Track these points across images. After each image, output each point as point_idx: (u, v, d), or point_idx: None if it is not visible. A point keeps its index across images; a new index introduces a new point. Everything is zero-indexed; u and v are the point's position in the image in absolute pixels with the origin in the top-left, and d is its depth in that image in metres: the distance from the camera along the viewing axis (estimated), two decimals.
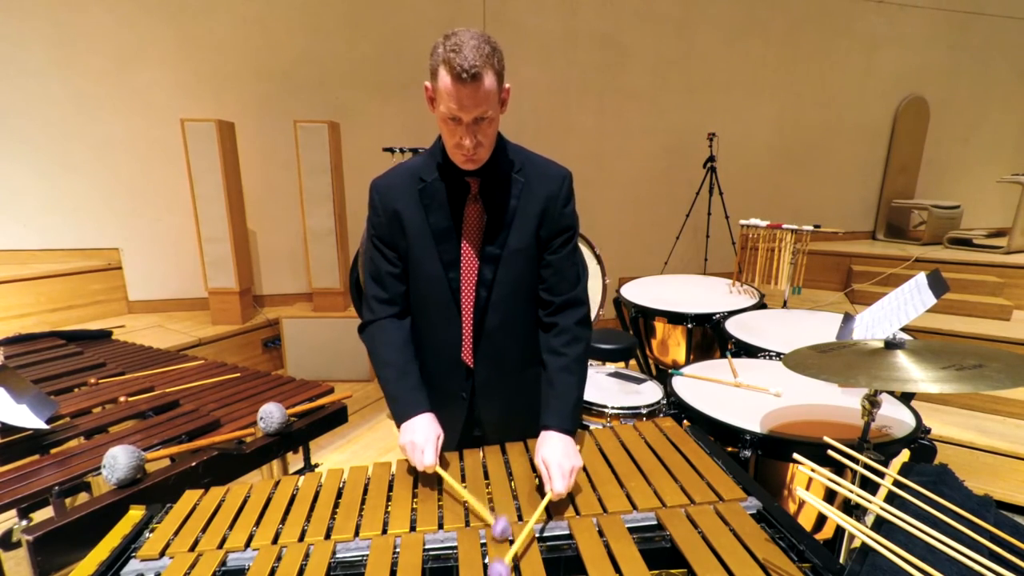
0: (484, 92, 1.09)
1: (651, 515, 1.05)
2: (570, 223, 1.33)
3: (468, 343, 1.34)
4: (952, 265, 4.06)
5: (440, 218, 1.26)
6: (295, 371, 3.88)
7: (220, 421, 1.68)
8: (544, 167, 1.31)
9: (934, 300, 1.66)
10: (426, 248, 1.28)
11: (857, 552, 0.83)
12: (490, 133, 1.17)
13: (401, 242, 1.30)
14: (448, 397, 1.38)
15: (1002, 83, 5.52)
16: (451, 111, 1.10)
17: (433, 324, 1.35)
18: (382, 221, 1.30)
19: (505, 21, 4.26)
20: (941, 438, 2.73)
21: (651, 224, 4.89)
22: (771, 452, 1.53)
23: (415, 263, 1.30)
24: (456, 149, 1.17)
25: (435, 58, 1.10)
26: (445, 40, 1.09)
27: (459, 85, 1.07)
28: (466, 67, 1.05)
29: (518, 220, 1.27)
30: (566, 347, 1.30)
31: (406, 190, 1.28)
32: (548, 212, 1.28)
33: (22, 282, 3.56)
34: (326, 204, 3.83)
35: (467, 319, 1.32)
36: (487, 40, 1.09)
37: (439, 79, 1.09)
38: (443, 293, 1.30)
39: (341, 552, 1.00)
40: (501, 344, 1.35)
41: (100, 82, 3.75)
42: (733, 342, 2.32)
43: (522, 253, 1.29)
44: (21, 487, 1.30)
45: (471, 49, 1.06)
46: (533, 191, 1.27)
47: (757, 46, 4.81)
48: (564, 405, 1.25)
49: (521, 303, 1.34)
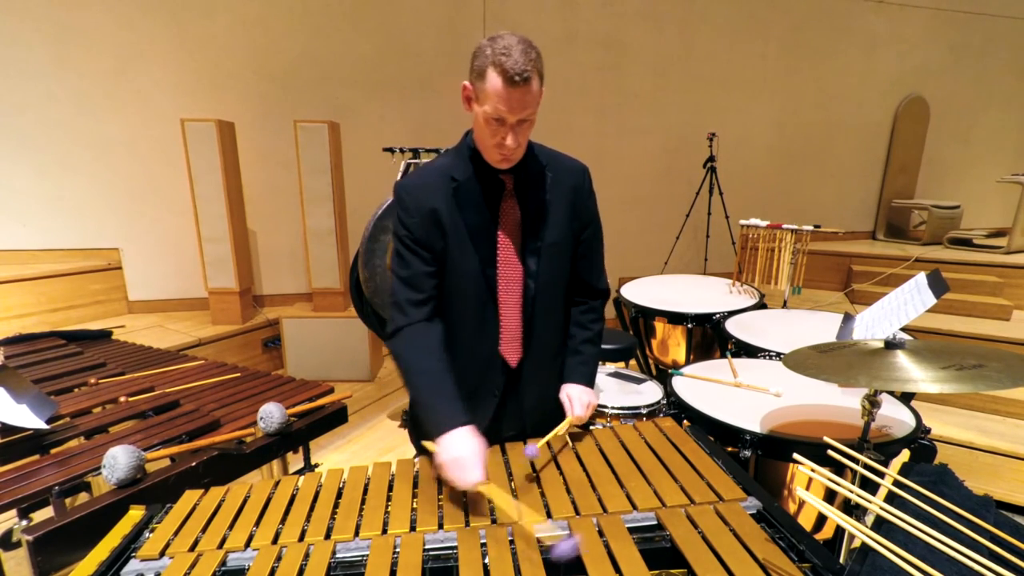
0: (531, 95, 1.14)
1: (651, 515, 1.05)
2: (595, 214, 1.43)
3: (513, 337, 1.36)
4: (952, 265, 4.06)
5: (476, 216, 1.28)
6: (295, 371, 3.88)
7: (220, 421, 1.68)
8: (565, 162, 1.38)
9: (934, 300, 1.66)
10: (463, 246, 1.28)
11: (857, 552, 0.82)
12: (528, 134, 1.23)
13: (438, 242, 1.28)
14: (478, 396, 1.38)
15: (1002, 83, 5.52)
16: (498, 112, 1.14)
17: (468, 322, 1.34)
18: (416, 221, 1.27)
19: (505, 21, 4.26)
20: (941, 438, 2.73)
21: (651, 224, 4.89)
22: (771, 452, 1.53)
23: (452, 262, 1.30)
24: (496, 148, 1.20)
25: (482, 60, 1.13)
26: (492, 43, 1.12)
27: (510, 88, 1.10)
28: (518, 70, 1.09)
29: (552, 214, 1.32)
30: (592, 323, 1.48)
31: (439, 189, 1.27)
32: (576, 204, 1.36)
33: (22, 282, 3.56)
34: (326, 204, 3.83)
35: (513, 314, 1.35)
36: (532, 44, 1.14)
37: (487, 81, 1.12)
38: (481, 290, 1.31)
39: (341, 552, 1.00)
40: (542, 334, 1.39)
41: (100, 82, 3.75)
42: (733, 342, 2.32)
43: (558, 246, 1.34)
44: (21, 487, 1.30)
45: (520, 53, 1.10)
46: (561, 185, 1.34)
47: (757, 46, 4.81)
48: (589, 369, 1.44)
49: (559, 295, 1.41)
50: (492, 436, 1.39)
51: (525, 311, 1.34)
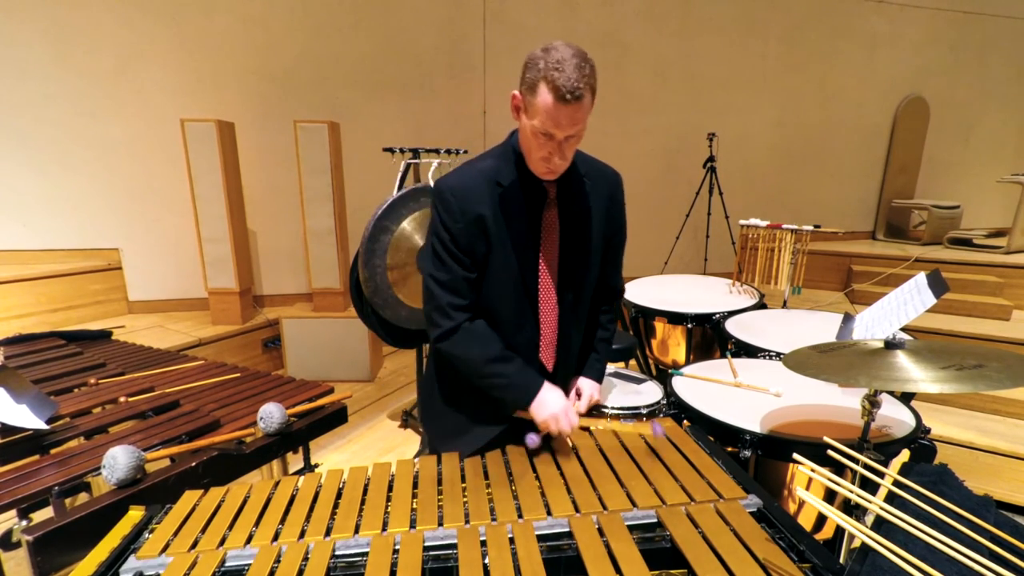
0: (583, 112, 1.11)
1: (651, 513, 1.05)
2: (624, 220, 1.46)
3: (550, 344, 1.38)
4: (952, 265, 4.06)
5: (520, 224, 1.27)
6: (295, 371, 3.88)
7: (220, 421, 1.68)
8: (600, 168, 1.39)
9: (934, 300, 1.66)
10: (506, 253, 1.27)
11: (857, 552, 0.82)
12: (575, 148, 1.21)
13: (481, 247, 1.27)
14: None
15: (1002, 83, 5.52)
16: (546, 128, 1.12)
17: (507, 328, 1.34)
18: (461, 228, 1.24)
19: (505, 21, 4.26)
20: (941, 438, 2.73)
21: (651, 224, 4.89)
22: (771, 452, 1.53)
23: (494, 268, 1.29)
24: (542, 162, 1.19)
25: (534, 72, 1.10)
26: (545, 54, 1.09)
27: (561, 105, 1.08)
28: (570, 87, 1.06)
29: (593, 223, 1.34)
30: (609, 323, 1.55)
31: (485, 194, 1.24)
32: (611, 211, 1.38)
33: (22, 282, 3.55)
34: (326, 204, 3.83)
35: (550, 321, 1.35)
36: (585, 58, 1.09)
37: (538, 95, 1.09)
38: (520, 297, 1.31)
39: (341, 551, 1.00)
40: (575, 340, 1.43)
41: (100, 82, 3.75)
42: (733, 342, 2.32)
43: (595, 255, 1.37)
44: (21, 487, 1.30)
45: (574, 69, 1.06)
46: (599, 193, 1.35)
47: (757, 46, 4.81)
48: (602, 365, 1.54)
49: (589, 301, 1.44)
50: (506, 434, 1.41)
51: (562, 319, 1.36)
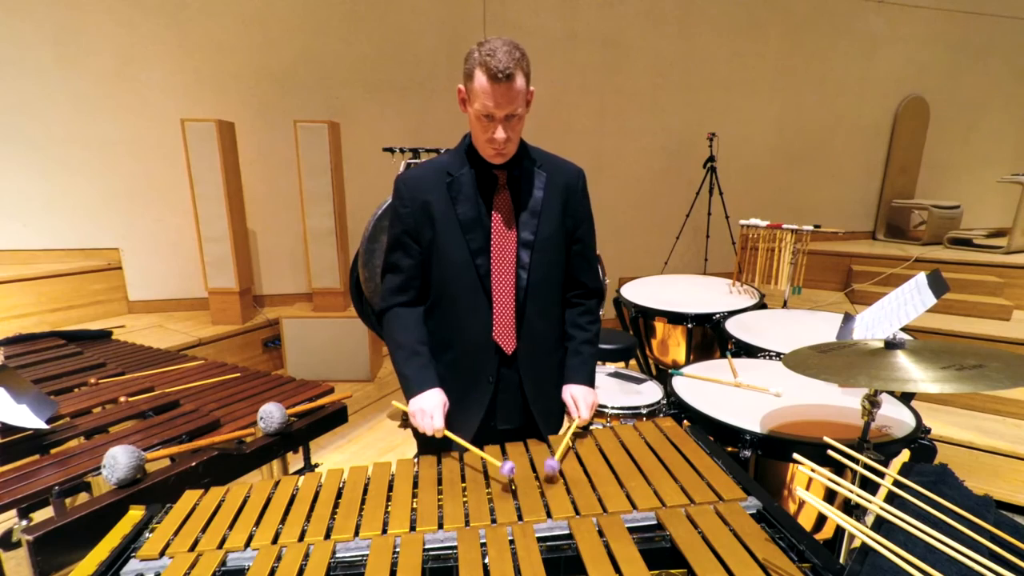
0: (515, 91, 1.22)
1: (651, 515, 1.05)
2: (588, 213, 1.49)
3: (507, 325, 1.40)
4: (952, 265, 4.06)
5: (468, 208, 1.35)
6: (295, 371, 3.88)
7: (220, 421, 1.68)
8: (560, 163, 1.45)
9: (934, 300, 1.66)
10: (453, 236, 1.36)
11: (857, 552, 0.82)
12: (518, 130, 1.30)
13: (427, 232, 1.37)
14: (474, 382, 1.43)
15: (1002, 83, 5.52)
16: (486, 108, 1.23)
17: (461, 310, 1.41)
18: (409, 211, 1.37)
19: (505, 21, 4.26)
20: (941, 438, 2.73)
21: (651, 224, 4.89)
22: (771, 452, 1.53)
23: (441, 252, 1.37)
24: (488, 144, 1.29)
25: (471, 63, 1.23)
26: (479, 47, 1.22)
27: (494, 84, 1.20)
28: (501, 68, 1.18)
29: (546, 209, 1.39)
30: (590, 324, 1.53)
31: (435, 183, 1.37)
32: (569, 202, 1.43)
33: (22, 282, 3.55)
34: (326, 204, 3.83)
35: (507, 303, 1.40)
36: (517, 46, 1.23)
37: (475, 80, 1.22)
38: (472, 278, 1.37)
39: (341, 552, 1.00)
40: (538, 327, 1.44)
41: (100, 82, 3.75)
42: (733, 342, 2.32)
43: (551, 240, 1.40)
44: (21, 487, 1.30)
45: (504, 53, 1.19)
46: (555, 183, 1.41)
47: (757, 46, 4.81)
48: (588, 369, 1.50)
49: (553, 288, 1.46)
50: (488, 425, 1.45)
51: (518, 299, 1.40)
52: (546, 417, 1.49)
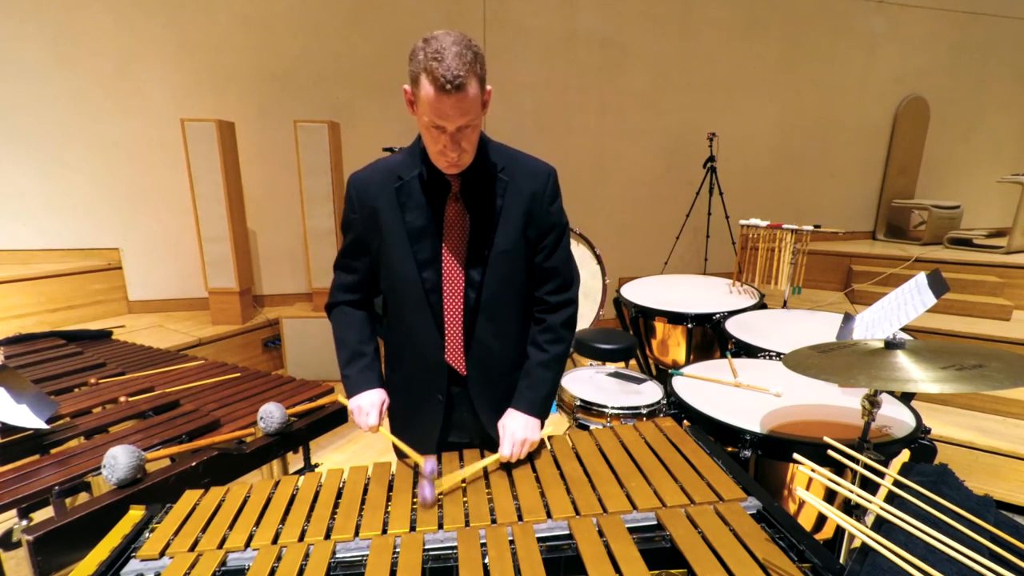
0: (468, 101, 1.05)
1: (651, 515, 1.05)
2: (557, 221, 1.31)
3: (457, 346, 1.31)
4: (952, 265, 4.06)
5: (416, 217, 1.22)
6: (295, 371, 3.88)
7: (220, 421, 1.68)
8: (528, 165, 1.28)
9: (934, 300, 1.66)
10: (399, 247, 1.24)
11: (857, 552, 0.83)
12: (473, 139, 1.15)
13: (374, 240, 1.27)
14: (424, 400, 1.37)
15: (1002, 83, 5.51)
16: (434, 120, 1.07)
17: (410, 325, 1.32)
18: (357, 217, 1.27)
19: (505, 21, 4.26)
20: (941, 438, 2.73)
21: (651, 224, 4.89)
22: (771, 452, 1.53)
23: (388, 263, 1.28)
24: (439, 156, 1.14)
25: (415, 64, 1.05)
26: (425, 45, 1.03)
27: (442, 96, 1.02)
28: (449, 78, 1.00)
29: (504, 220, 1.24)
30: (549, 345, 1.34)
31: (383, 187, 1.24)
32: (534, 211, 1.26)
33: (22, 282, 3.55)
34: (326, 204, 3.83)
35: (455, 322, 1.29)
36: (468, 45, 1.04)
37: (421, 87, 1.05)
38: (417, 294, 1.27)
39: (341, 552, 1.01)
40: (491, 347, 1.32)
41: (100, 82, 3.75)
42: (733, 342, 2.32)
43: (509, 254, 1.26)
44: (21, 487, 1.30)
45: (453, 57, 1.00)
46: (518, 189, 1.24)
47: (757, 46, 4.81)
48: (536, 395, 1.32)
49: (511, 305, 1.32)
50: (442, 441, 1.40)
51: (466, 320, 1.28)
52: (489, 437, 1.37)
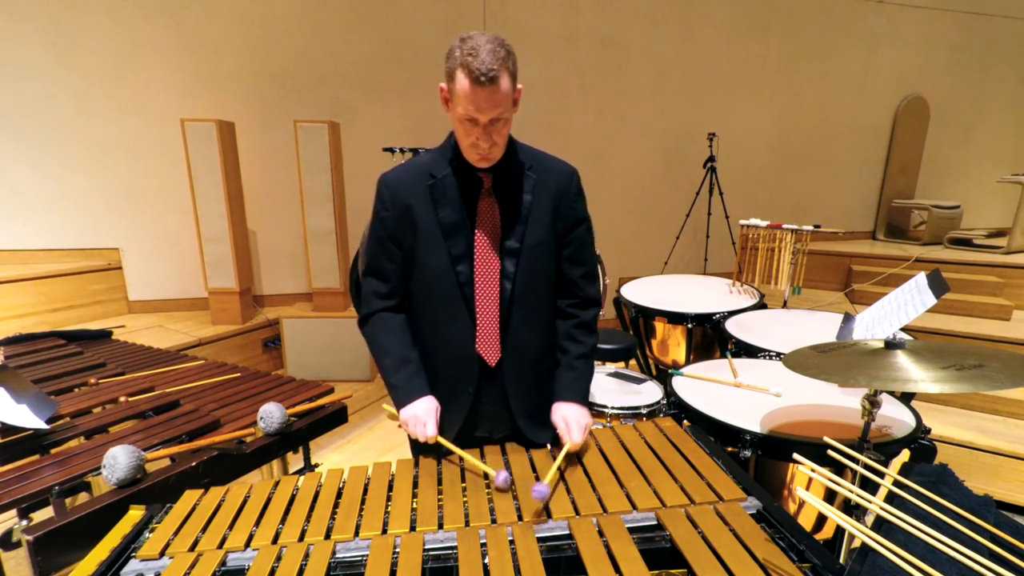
0: (501, 94, 1.13)
1: (651, 515, 1.05)
2: (584, 215, 1.39)
3: (488, 337, 1.34)
4: (952, 265, 4.06)
5: (450, 212, 1.28)
6: (295, 371, 3.88)
7: (220, 421, 1.68)
8: (553, 164, 1.36)
9: (934, 300, 1.66)
10: (434, 242, 1.29)
11: (857, 552, 0.82)
12: (504, 133, 1.22)
13: (408, 238, 1.31)
14: (452, 393, 1.38)
15: (1002, 83, 5.52)
16: (468, 113, 1.14)
17: (440, 318, 1.35)
18: (391, 216, 1.31)
19: (505, 21, 4.26)
20: (941, 438, 2.73)
21: (651, 224, 4.89)
22: (771, 452, 1.53)
23: (421, 258, 1.31)
24: (472, 148, 1.21)
25: (452, 61, 1.13)
26: (461, 43, 1.12)
27: (477, 88, 1.11)
28: (484, 70, 1.09)
29: (534, 215, 1.31)
30: (584, 337, 1.42)
31: (417, 185, 1.29)
32: (560, 207, 1.33)
33: (22, 282, 3.55)
34: (326, 204, 3.83)
35: (490, 313, 1.33)
36: (502, 43, 1.13)
37: (456, 82, 1.13)
38: (452, 287, 1.30)
39: (341, 552, 1.00)
40: (524, 336, 1.36)
41: (100, 82, 3.75)
42: (733, 342, 2.32)
43: (540, 247, 1.32)
44: (21, 487, 1.30)
45: (488, 53, 1.09)
46: (545, 186, 1.32)
47: (757, 46, 4.81)
48: (584, 385, 1.40)
49: (542, 296, 1.38)
50: (468, 435, 1.40)
51: (503, 311, 1.33)
52: (535, 430, 1.40)
